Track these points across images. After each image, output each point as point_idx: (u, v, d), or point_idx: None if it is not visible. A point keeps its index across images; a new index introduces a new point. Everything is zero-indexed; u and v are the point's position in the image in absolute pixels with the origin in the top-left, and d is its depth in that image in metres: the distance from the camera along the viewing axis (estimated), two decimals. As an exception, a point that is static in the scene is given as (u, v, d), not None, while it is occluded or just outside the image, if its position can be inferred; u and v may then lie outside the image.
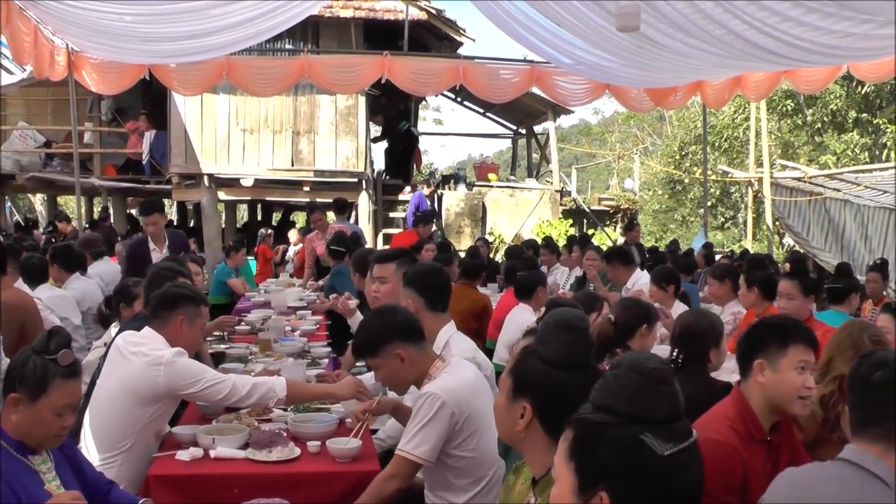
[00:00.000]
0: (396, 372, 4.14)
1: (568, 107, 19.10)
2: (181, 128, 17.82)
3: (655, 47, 10.64)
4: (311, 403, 5.22)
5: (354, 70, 13.92)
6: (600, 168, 44.97)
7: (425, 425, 3.93)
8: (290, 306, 9.93)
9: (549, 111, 21.21)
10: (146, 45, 12.28)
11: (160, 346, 4.56)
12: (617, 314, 5.28)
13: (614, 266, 9.43)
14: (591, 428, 1.95)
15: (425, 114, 35.69)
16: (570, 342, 2.70)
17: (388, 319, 4.19)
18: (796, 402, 3.47)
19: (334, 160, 17.96)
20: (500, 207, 20.41)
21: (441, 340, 4.82)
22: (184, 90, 14.70)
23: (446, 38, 19.56)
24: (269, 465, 4.28)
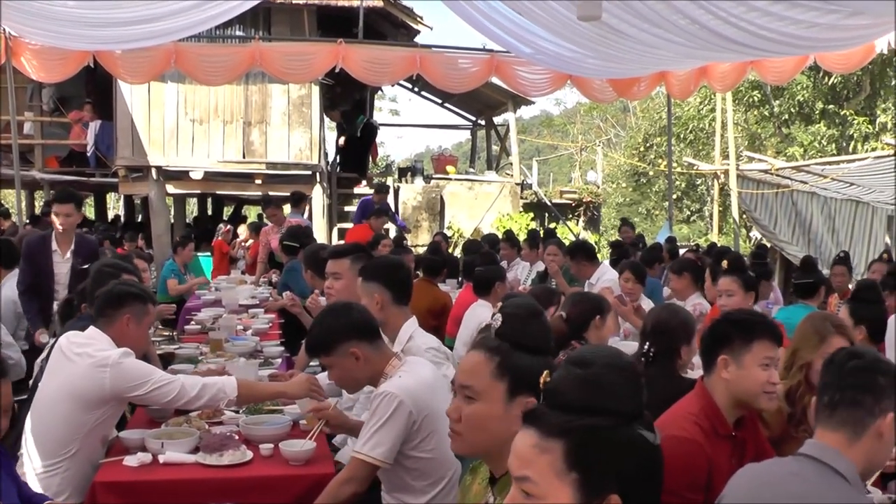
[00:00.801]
0: (350, 371, 4.11)
1: (529, 97, 19.15)
2: (128, 118, 17.67)
3: (619, 37, 10.69)
4: (263, 405, 5.22)
5: (307, 58, 13.85)
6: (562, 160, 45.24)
7: (382, 425, 3.91)
8: (241, 304, 9.92)
9: (510, 102, 21.29)
10: (90, 31, 12.13)
11: (106, 346, 4.52)
12: (568, 310, 5.36)
13: (578, 261, 9.49)
14: (590, 434, 1.91)
15: (381, 104, 35.69)
16: (542, 327, 2.77)
17: (342, 317, 4.15)
18: (762, 397, 3.54)
19: (287, 152, 17.91)
20: (458, 201, 20.47)
21: (404, 335, 4.82)
22: (130, 78, 14.55)
23: (403, 25, 19.56)
24: (221, 469, 4.28)
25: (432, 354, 4.78)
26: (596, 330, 5.29)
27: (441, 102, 25.14)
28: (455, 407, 2.73)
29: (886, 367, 2.83)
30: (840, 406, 2.77)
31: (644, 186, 35.15)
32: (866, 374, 2.78)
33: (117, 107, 17.72)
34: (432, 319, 8.79)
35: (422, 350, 4.74)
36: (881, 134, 23.87)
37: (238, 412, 5.15)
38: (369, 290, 4.87)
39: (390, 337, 4.81)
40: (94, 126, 18.79)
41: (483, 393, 2.67)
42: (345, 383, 4.29)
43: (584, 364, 2.03)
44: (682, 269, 8.33)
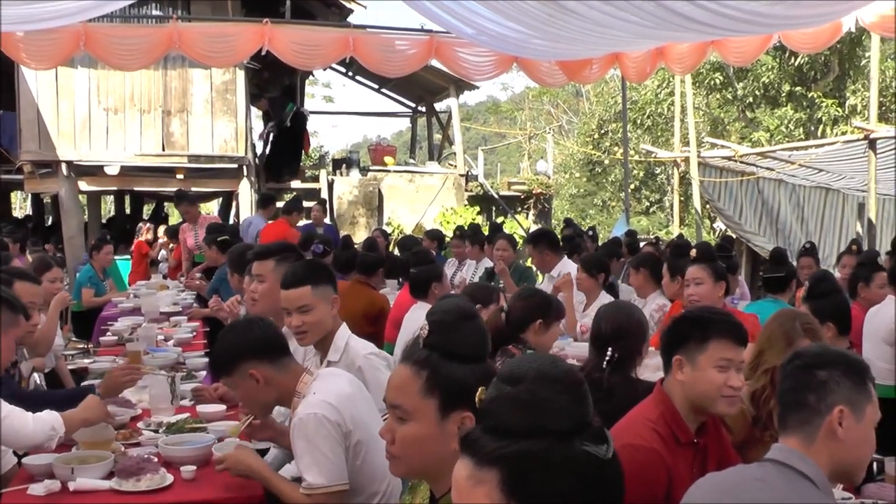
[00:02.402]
0: (252, 393, 4.13)
1: (472, 82, 19.22)
2: (33, 108, 17.39)
3: (567, 15, 10.72)
4: (184, 423, 5.18)
5: (230, 40, 13.76)
6: (511, 149, 45.39)
7: (320, 449, 3.92)
8: (162, 312, 9.85)
9: (452, 87, 21.34)
10: (-15, 10, 11.97)
11: None
12: (511, 304, 5.29)
13: (542, 250, 9.50)
14: (526, 460, 1.85)
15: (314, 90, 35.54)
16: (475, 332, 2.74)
17: (241, 335, 4.18)
18: (719, 402, 3.53)
19: (211, 143, 17.75)
20: (398, 194, 20.47)
21: (341, 342, 4.84)
22: (34, 63, 14.35)
23: (334, 4, 19.51)
24: (138, 495, 4.21)
25: (372, 360, 4.79)
26: (534, 334, 5.24)
27: (378, 88, 25.13)
28: (388, 427, 2.70)
29: (829, 359, 2.87)
30: (789, 410, 2.84)
31: (599, 176, 35.40)
32: (805, 372, 2.83)
33: (20, 95, 17.42)
34: (368, 325, 8.67)
35: (361, 356, 4.75)
36: (851, 117, 24.19)
37: (157, 431, 5.10)
38: (325, 294, 4.86)
39: (324, 346, 4.82)
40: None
41: (414, 412, 2.63)
42: (251, 407, 4.29)
43: (514, 380, 1.97)
44: (641, 265, 8.38)
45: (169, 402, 5.58)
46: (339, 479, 3.93)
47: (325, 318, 4.84)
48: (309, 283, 4.80)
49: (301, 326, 4.77)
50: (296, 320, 4.77)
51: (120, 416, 5.17)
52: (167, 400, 5.58)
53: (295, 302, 4.80)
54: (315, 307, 4.79)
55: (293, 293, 4.81)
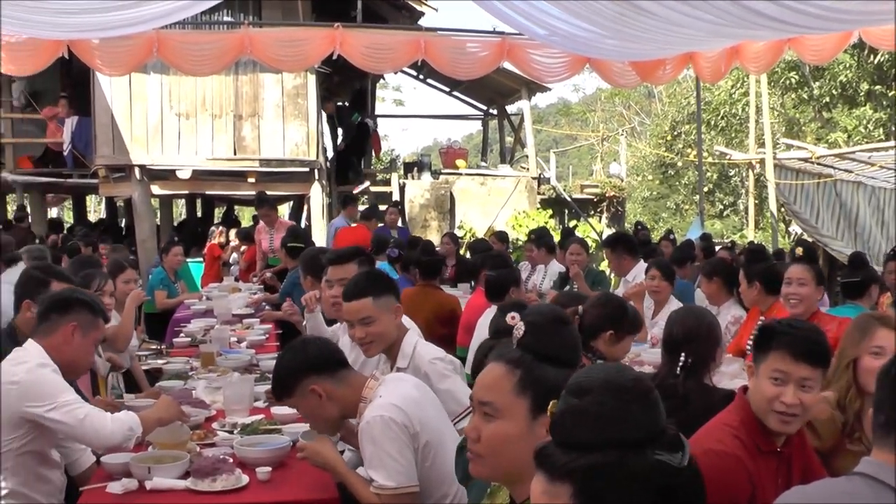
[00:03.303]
0: (316, 409, 4.15)
1: (544, 83, 19.12)
2: (107, 113, 17.64)
3: (640, 15, 10.64)
4: (259, 425, 5.20)
5: (302, 45, 13.83)
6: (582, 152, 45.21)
7: (387, 451, 3.93)
8: (235, 314, 9.91)
9: (523, 89, 21.26)
10: (63, 18, 12.12)
11: (30, 360, 4.53)
12: (586, 309, 5.15)
13: (619, 254, 9.45)
14: (597, 473, 1.86)
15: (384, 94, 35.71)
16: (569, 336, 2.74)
17: (298, 354, 4.23)
18: (771, 416, 3.43)
19: (282, 147, 17.83)
20: (470, 198, 20.43)
21: (408, 348, 4.85)
22: (109, 70, 14.54)
23: (405, 7, 19.51)
24: (214, 495, 4.24)
25: (437, 365, 4.79)
26: (606, 344, 5.14)
27: (449, 91, 25.13)
28: (474, 425, 2.66)
29: None
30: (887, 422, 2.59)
31: (672, 179, 35.12)
32: None
33: (95, 101, 17.67)
34: (441, 327, 8.68)
35: (426, 361, 4.76)
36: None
37: (232, 432, 5.13)
38: (387, 304, 4.87)
39: (392, 354, 4.85)
40: (71, 123, 18.78)
41: (504, 410, 2.60)
42: (317, 425, 4.29)
43: (581, 392, 1.98)
44: (714, 273, 8.12)
45: (244, 404, 5.61)
46: (408, 480, 3.94)
47: (389, 327, 4.85)
48: (370, 295, 4.81)
49: (365, 338, 4.79)
50: (359, 332, 4.80)
51: (194, 416, 5.22)
52: (242, 401, 5.61)
53: (357, 314, 4.81)
54: (377, 318, 4.80)
55: (354, 305, 4.83)
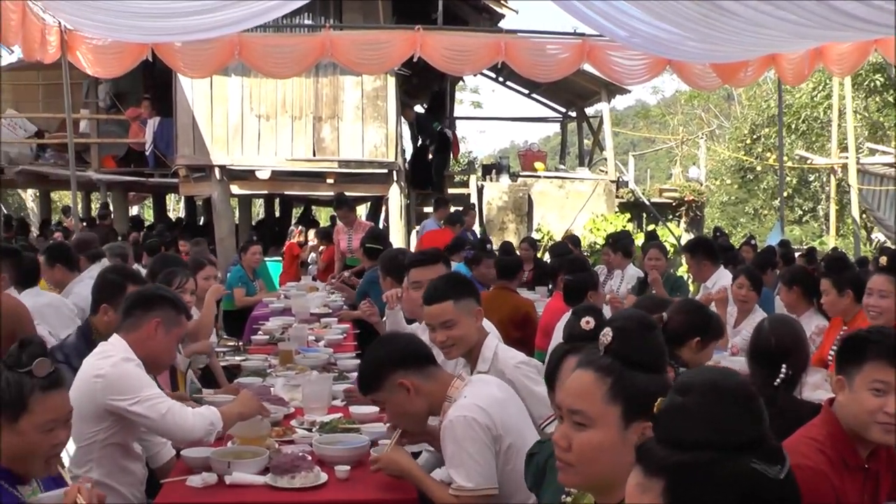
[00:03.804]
0: (403, 404, 4.14)
1: (624, 86, 19.00)
2: (188, 114, 17.87)
3: (723, 16, 10.54)
4: (337, 423, 5.21)
5: (382, 47, 13.90)
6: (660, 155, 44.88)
7: (468, 451, 3.92)
8: (312, 313, 9.95)
9: (603, 91, 21.13)
10: (148, 22, 12.32)
11: (114, 354, 4.59)
12: (671, 315, 4.96)
13: (699, 260, 9.33)
14: (691, 471, 1.85)
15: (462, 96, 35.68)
16: (657, 342, 2.69)
17: (386, 348, 4.24)
18: (873, 428, 3.33)
19: (361, 149, 17.92)
20: (548, 201, 20.36)
21: (488, 352, 4.81)
22: (191, 72, 14.76)
23: (485, 9, 19.49)
24: (292, 492, 4.24)
25: (522, 369, 4.75)
26: (690, 352, 5.04)
27: (528, 93, 25.08)
28: (563, 434, 2.62)
29: None
30: None
31: (751, 183, 34.64)
32: None
33: (177, 103, 17.93)
34: (515, 330, 8.61)
35: (510, 366, 4.72)
36: None
37: (311, 430, 5.15)
38: (468, 307, 4.85)
39: (473, 358, 4.82)
40: (153, 123, 19.07)
41: (597, 419, 2.55)
42: (402, 421, 4.26)
43: (685, 391, 1.96)
44: (794, 282, 7.92)
45: (322, 402, 5.62)
46: (488, 482, 3.92)
47: (470, 331, 4.82)
48: (450, 298, 4.79)
49: (446, 341, 4.76)
50: (440, 335, 4.77)
51: (274, 413, 5.25)
52: (320, 399, 5.62)
53: (438, 317, 4.79)
54: (458, 321, 4.78)
55: (435, 309, 4.81)
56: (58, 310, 7.79)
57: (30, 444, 3.34)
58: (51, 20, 12.68)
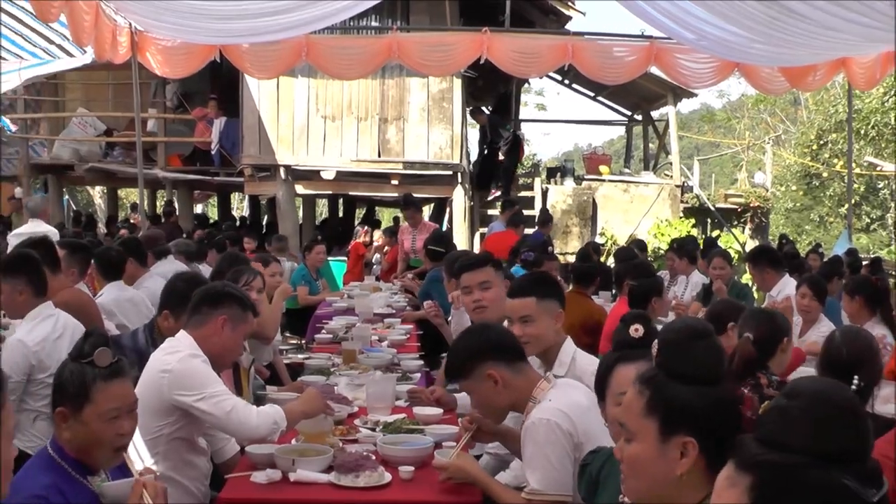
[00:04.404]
0: (489, 396, 4.16)
1: (691, 89, 18.87)
2: (255, 115, 17.99)
3: (792, 18, 10.40)
4: (401, 424, 5.20)
5: (449, 49, 13.88)
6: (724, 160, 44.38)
7: (546, 456, 3.91)
8: (376, 313, 9.96)
9: (669, 94, 20.99)
10: (217, 24, 12.41)
11: (181, 349, 4.63)
12: (755, 330, 4.97)
13: (762, 268, 9.23)
14: (780, 472, 1.83)
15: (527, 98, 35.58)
16: (707, 352, 2.63)
17: (479, 337, 4.26)
18: None
19: (426, 150, 17.93)
20: (612, 204, 20.23)
21: (566, 356, 4.80)
22: (258, 73, 14.86)
23: (552, 11, 19.38)
24: (356, 491, 4.25)
25: None
26: (781, 354, 5.00)
27: (593, 96, 24.98)
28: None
29: None
30: None
31: (817, 190, 34.18)
32: None
33: (244, 103, 18.05)
34: (585, 336, 8.55)
35: (588, 373, 4.66)
36: None
37: (374, 430, 5.15)
38: (550, 307, 4.85)
39: (549, 360, 4.80)
40: (219, 123, 19.21)
41: (636, 432, 2.57)
42: (486, 410, 4.30)
43: (792, 395, 1.94)
44: (856, 291, 7.79)
45: (386, 402, 5.62)
46: (562, 488, 3.90)
47: (547, 331, 4.83)
48: (534, 295, 4.83)
49: (522, 337, 4.71)
50: (517, 330, 4.76)
51: (337, 411, 5.26)
52: (384, 399, 5.62)
53: (518, 311, 4.82)
54: (537, 319, 4.80)
55: (517, 303, 4.85)
56: (137, 306, 7.97)
57: (95, 433, 3.39)
58: (122, 21, 12.81)
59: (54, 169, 21.75)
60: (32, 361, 5.46)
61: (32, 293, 5.72)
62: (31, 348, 5.46)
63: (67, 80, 20.60)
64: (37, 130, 21.93)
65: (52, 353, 5.53)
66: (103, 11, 11.96)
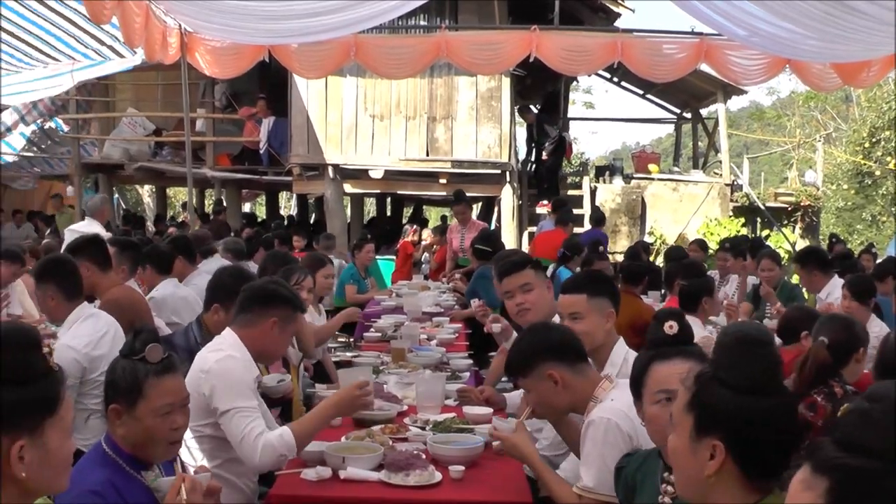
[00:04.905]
0: (548, 395, 4.14)
1: (741, 86, 18.63)
2: (303, 114, 18.06)
3: (849, 14, 10.27)
4: (451, 423, 5.18)
5: (498, 48, 13.84)
6: (773, 158, 44.00)
7: (602, 455, 3.89)
8: (424, 312, 9.95)
9: (719, 91, 20.84)
10: (266, 24, 12.45)
11: (225, 348, 4.63)
12: (830, 335, 4.86)
13: (810, 270, 9.12)
14: (857, 476, 1.78)
15: (575, 96, 35.49)
16: (757, 361, 2.59)
17: (541, 336, 4.24)
18: None
19: (474, 149, 17.90)
20: (661, 203, 20.12)
21: (618, 357, 4.78)
22: (307, 73, 14.90)
23: (602, 9, 19.30)
24: (406, 489, 4.24)
25: None
26: (856, 364, 4.91)
27: (642, 93, 24.85)
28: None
29: None
30: None
31: (869, 188, 33.78)
32: None
33: (292, 103, 18.15)
34: (635, 336, 8.48)
35: None
36: None
37: (424, 429, 5.13)
38: (601, 306, 4.83)
39: (599, 359, 4.76)
40: (268, 123, 19.31)
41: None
42: (543, 409, 4.27)
43: (876, 398, 1.89)
44: None
45: (436, 401, 5.60)
46: (612, 490, 3.85)
47: (597, 329, 4.81)
48: (585, 292, 4.83)
49: None
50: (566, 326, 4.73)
51: (387, 410, 5.25)
52: (434, 398, 5.61)
53: (568, 308, 4.83)
54: (587, 316, 4.79)
55: (568, 299, 4.86)
56: (190, 304, 8.04)
57: (149, 428, 3.42)
58: (172, 23, 12.90)
59: (104, 168, 22.03)
60: (84, 364, 5.52)
61: (64, 297, 5.80)
62: (80, 350, 5.51)
63: (118, 80, 20.76)
64: (88, 130, 22.18)
65: (99, 351, 5.61)
66: (154, 13, 12.05)
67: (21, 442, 2.41)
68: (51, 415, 2.50)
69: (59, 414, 2.52)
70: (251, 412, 4.49)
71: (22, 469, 2.40)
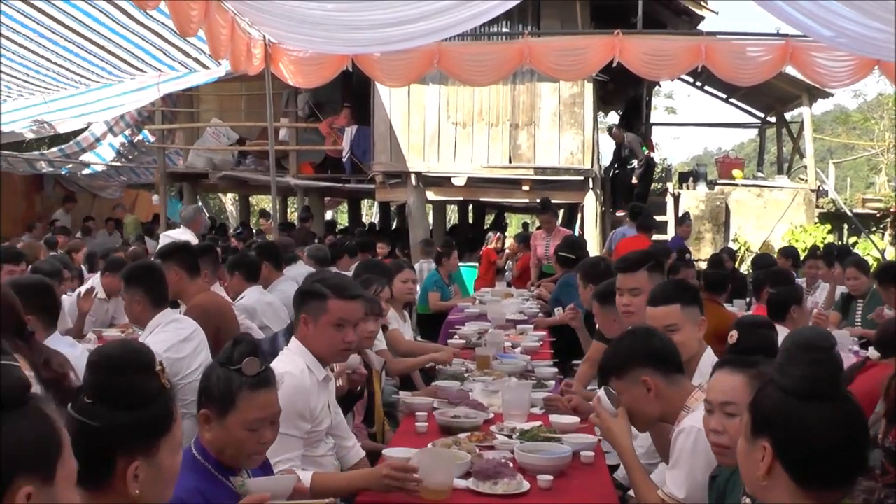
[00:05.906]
0: (639, 401, 4.10)
1: (827, 89, 18.39)
2: (386, 122, 18.15)
3: (943, 12, 10.05)
4: (538, 431, 5.13)
5: (581, 53, 13.75)
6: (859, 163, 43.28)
7: (686, 463, 3.86)
8: (508, 319, 9.91)
9: (804, 95, 20.49)
10: (349, 34, 12.51)
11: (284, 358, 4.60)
12: None
13: (886, 287, 8.81)
14: None
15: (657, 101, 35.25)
16: (811, 366, 2.55)
17: (640, 341, 4.18)
18: None
19: (557, 156, 17.81)
20: (745, 210, 19.87)
21: (706, 366, 4.67)
22: (390, 81, 14.95)
23: (685, 12, 19.11)
24: (494, 498, 4.21)
25: None
26: None
27: (726, 98, 24.59)
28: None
29: None
30: None
31: (960, 194, 33.17)
32: None
33: (375, 111, 18.25)
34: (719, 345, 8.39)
35: None
36: None
37: (511, 437, 5.09)
38: (693, 315, 4.81)
39: (689, 369, 4.68)
40: (350, 131, 19.41)
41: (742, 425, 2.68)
42: (634, 415, 4.20)
43: None
44: None
45: (522, 409, 5.57)
46: (699, 499, 3.82)
47: (691, 339, 4.77)
48: (678, 302, 4.78)
49: None
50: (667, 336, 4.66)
51: (473, 417, 5.23)
52: (520, 406, 5.57)
53: (662, 320, 4.74)
54: (682, 327, 4.75)
55: (661, 311, 4.79)
56: (275, 310, 8.14)
57: (236, 439, 3.43)
58: (256, 34, 13.01)
59: (189, 177, 22.39)
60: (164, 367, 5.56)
61: (150, 304, 5.90)
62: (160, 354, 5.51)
63: (202, 91, 21.07)
64: (173, 140, 22.53)
65: (180, 355, 5.75)
66: (238, 25, 12.16)
67: (137, 462, 2.44)
68: (165, 434, 2.53)
69: (172, 432, 2.55)
70: (290, 442, 4.31)
71: (136, 487, 2.43)
